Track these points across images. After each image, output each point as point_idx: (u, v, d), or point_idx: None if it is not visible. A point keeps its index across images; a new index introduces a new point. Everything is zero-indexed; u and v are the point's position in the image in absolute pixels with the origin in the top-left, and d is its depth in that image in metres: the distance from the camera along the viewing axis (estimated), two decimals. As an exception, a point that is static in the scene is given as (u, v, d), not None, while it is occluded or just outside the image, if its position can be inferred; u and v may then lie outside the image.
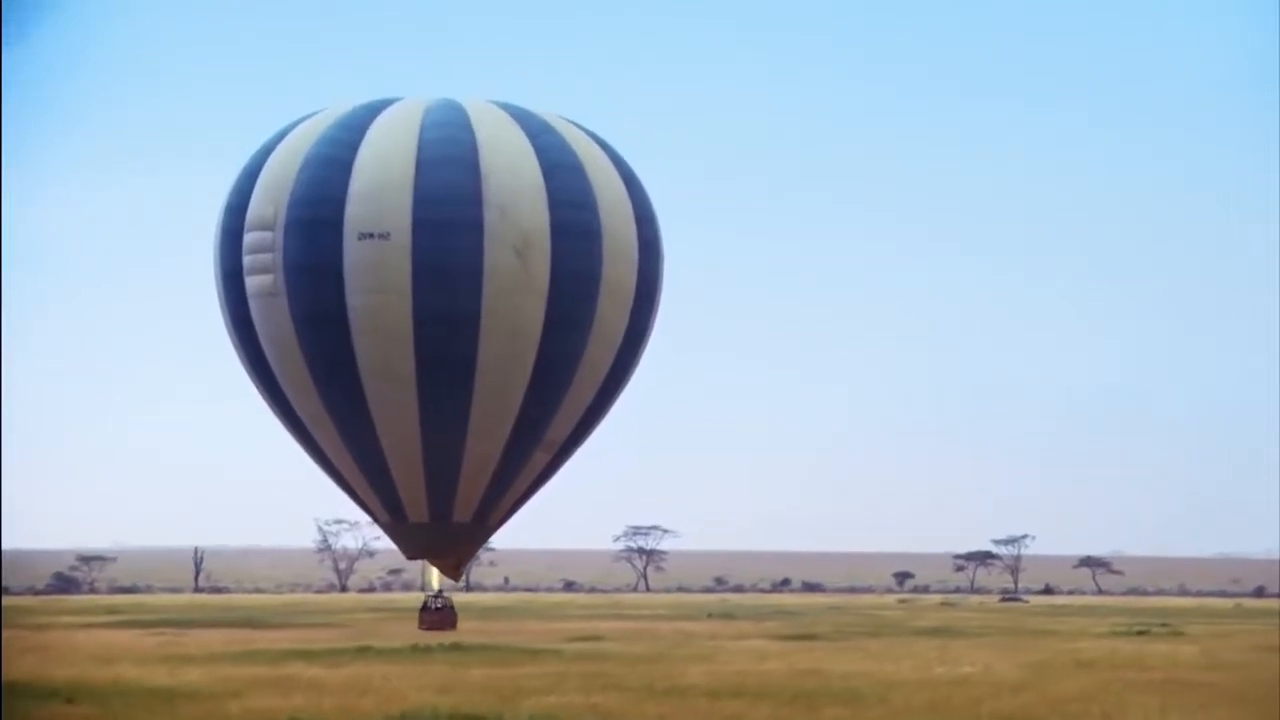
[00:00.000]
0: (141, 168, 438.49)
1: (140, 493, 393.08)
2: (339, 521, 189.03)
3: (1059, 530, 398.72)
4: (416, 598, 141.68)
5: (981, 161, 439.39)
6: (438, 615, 61.24)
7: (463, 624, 69.94)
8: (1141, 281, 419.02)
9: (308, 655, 42.80)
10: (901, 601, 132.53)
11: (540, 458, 49.73)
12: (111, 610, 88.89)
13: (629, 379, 50.70)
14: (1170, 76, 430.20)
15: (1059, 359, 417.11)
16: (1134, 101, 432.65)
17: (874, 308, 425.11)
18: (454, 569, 54.88)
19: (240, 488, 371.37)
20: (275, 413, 49.93)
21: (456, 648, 46.11)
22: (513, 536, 56.11)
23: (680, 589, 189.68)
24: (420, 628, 60.40)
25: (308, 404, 48.12)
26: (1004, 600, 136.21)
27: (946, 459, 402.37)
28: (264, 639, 53.43)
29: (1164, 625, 72.57)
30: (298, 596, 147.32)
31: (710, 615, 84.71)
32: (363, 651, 44.33)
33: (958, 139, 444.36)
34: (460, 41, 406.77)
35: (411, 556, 56.95)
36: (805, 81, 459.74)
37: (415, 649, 45.56)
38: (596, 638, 54.88)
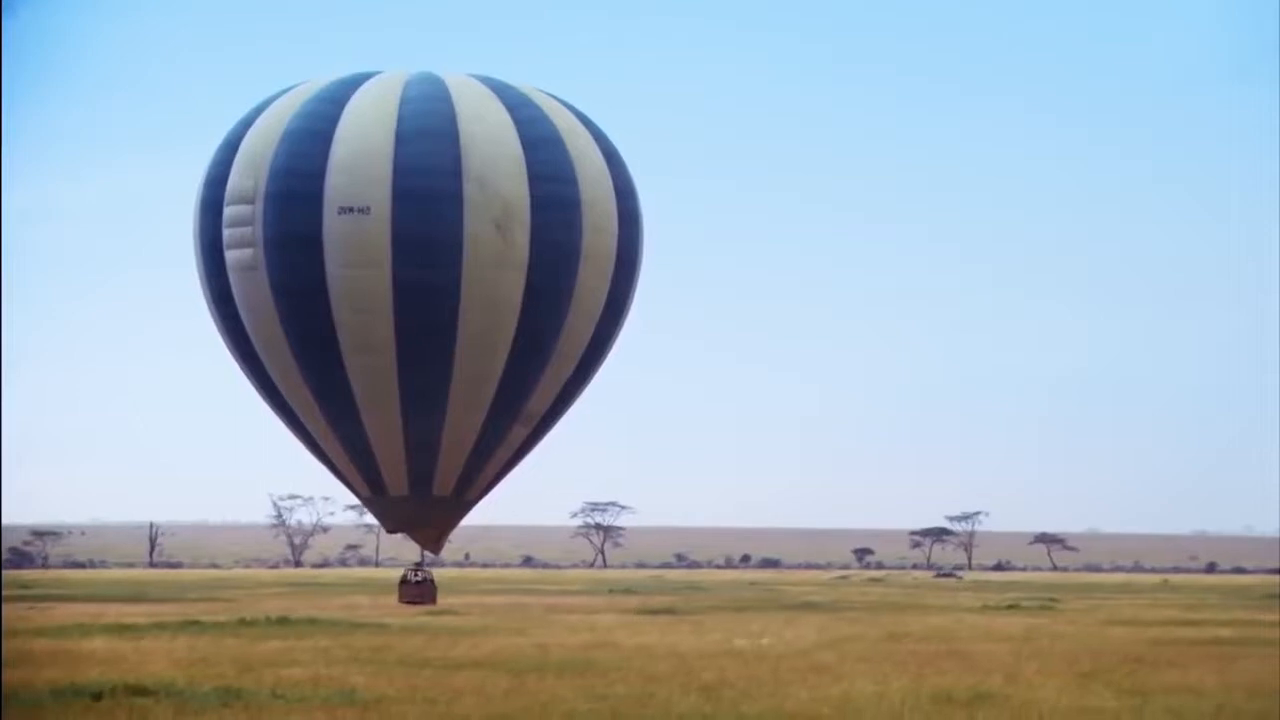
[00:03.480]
0: (120, 144, 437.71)
1: (110, 468, 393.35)
2: (293, 496, 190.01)
3: (1025, 507, 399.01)
4: (367, 573, 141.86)
5: (956, 148, 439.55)
6: (418, 589, 61.63)
7: (345, 599, 70.34)
8: (1104, 262, 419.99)
9: (130, 629, 42.76)
10: (841, 578, 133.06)
11: (520, 430, 49.51)
12: (26, 585, 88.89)
13: (609, 350, 50.36)
14: (1158, 70, 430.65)
15: (1040, 342, 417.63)
16: (1114, 96, 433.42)
17: (837, 291, 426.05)
18: (434, 542, 54.65)
19: (210, 463, 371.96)
20: (254, 386, 49.63)
21: (283, 621, 46.10)
22: (476, 512, 55.92)
23: (639, 565, 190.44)
24: (400, 601, 60.64)
25: (288, 377, 47.93)
26: (938, 576, 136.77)
27: (912, 437, 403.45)
28: (117, 613, 53.36)
29: (1052, 600, 72.87)
30: (242, 571, 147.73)
31: (611, 591, 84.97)
32: (188, 625, 44.37)
33: (944, 132, 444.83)
34: (449, 32, 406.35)
35: (392, 530, 56.90)
36: (797, 76, 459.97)
37: (242, 622, 45.59)
38: (449, 612, 54.96)
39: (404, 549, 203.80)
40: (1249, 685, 27.36)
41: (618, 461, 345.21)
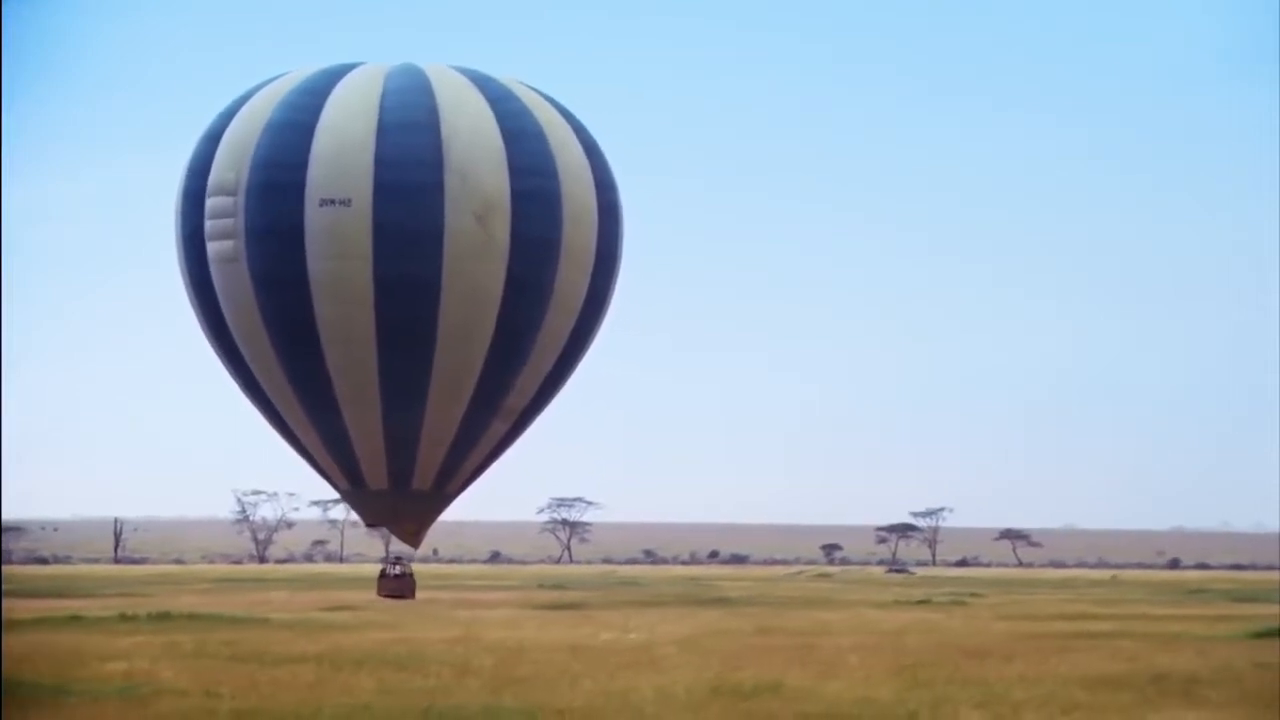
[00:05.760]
0: (119, 143, 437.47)
1: (97, 465, 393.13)
2: (257, 492, 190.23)
3: (1002, 504, 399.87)
4: (322, 568, 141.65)
5: (939, 145, 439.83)
6: (396, 582, 61.74)
7: (265, 595, 70.53)
8: (1082, 260, 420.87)
9: (11, 626, 42.91)
10: (795, 574, 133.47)
11: (500, 425, 49.59)
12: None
13: (590, 345, 50.44)
14: (1157, 70, 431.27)
15: (1027, 340, 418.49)
16: (1089, 96, 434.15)
17: (811, 290, 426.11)
18: (413, 536, 54.55)
19: (196, 459, 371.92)
20: (234, 378, 49.68)
21: (163, 617, 46.24)
22: (447, 508, 56.15)
23: (606, 561, 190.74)
24: (379, 594, 60.86)
25: (267, 370, 47.96)
26: (890, 572, 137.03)
27: (886, 433, 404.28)
28: (10, 608, 53.48)
29: (974, 594, 73.18)
30: (197, 567, 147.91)
31: (541, 586, 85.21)
32: (69, 621, 44.62)
33: (925, 130, 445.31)
34: (447, 31, 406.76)
35: (371, 524, 57.13)
36: (784, 74, 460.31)
37: (121, 617, 45.78)
38: (347, 608, 55.20)
39: (371, 544, 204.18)
40: (1056, 676, 27.52)
41: (590, 457, 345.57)
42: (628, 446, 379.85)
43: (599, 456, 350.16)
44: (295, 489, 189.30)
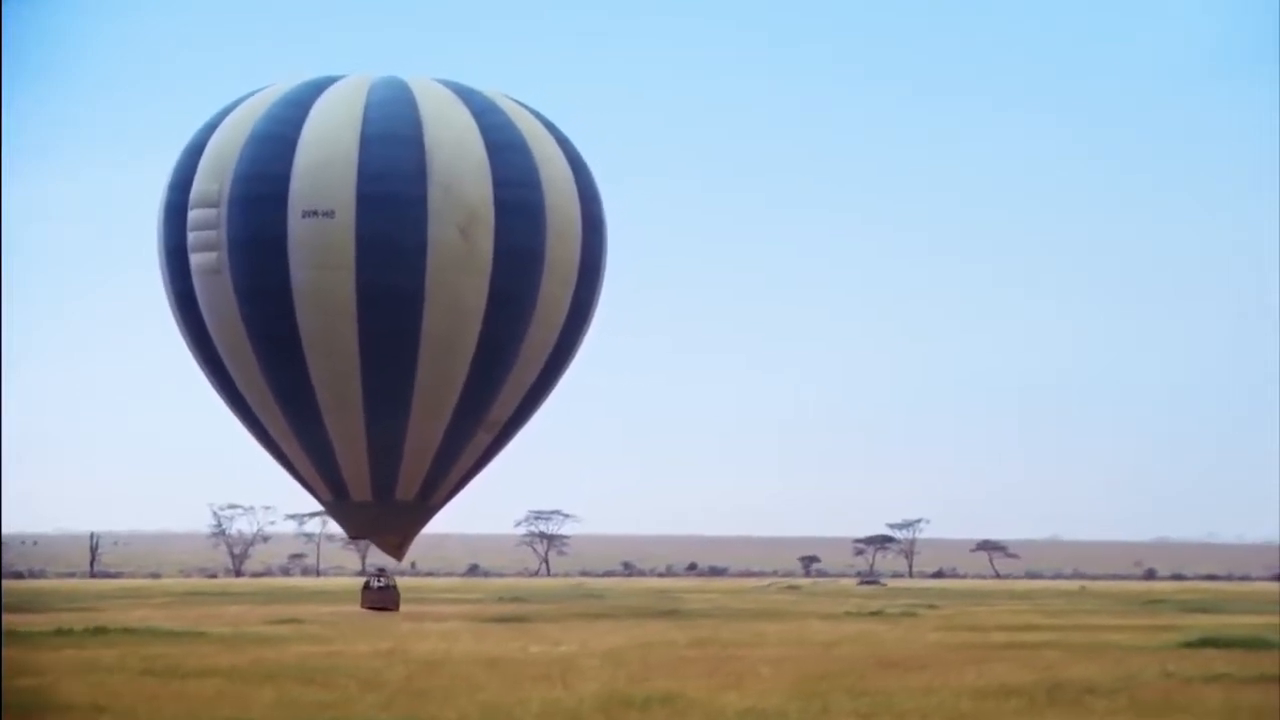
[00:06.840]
0: (117, 143, 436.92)
1: (72, 476, 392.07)
2: (233, 506, 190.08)
3: (986, 514, 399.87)
4: (293, 582, 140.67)
5: (927, 147, 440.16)
6: (380, 594, 62.00)
7: (217, 610, 70.47)
8: (1065, 264, 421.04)
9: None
10: (767, 585, 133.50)
11: (483, 436, 49.62)
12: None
13: (573, 357, 50.53)
14: (1156, 70, 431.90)
15: (1020, 345, 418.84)
16: (1089, 96, 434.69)
17: (789, 300, 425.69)
18: (396, 548, 54.55)
19: (170, 472, 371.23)
20: (217, 390, 49.73)
21: (99, 631, 46.23)
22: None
23: (584, 573, 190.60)
24: (363, 606, 60.86)
25: (251, 381, 48.02)
26: (862, 584, 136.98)
27: (867, 444, 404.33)
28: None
29: (930, 605, 73.27)
30: (167, 581, 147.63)
31: (501, 599, 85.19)
32: (4, 636, 44.52)
33: (912, 131, 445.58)
34: (447, 33, 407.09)
35: (354, 536, 57.30)
36: (774, 77, 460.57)
37: (57, 632, 45.77)
38: (293, 621, 55.23)
39: (349, 558, 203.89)
40: (957, 686, 27.58)
41: (570, 469, 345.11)
42: (608, 458, 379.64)
43: (579, 468, 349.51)
44: (272, 502, 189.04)
